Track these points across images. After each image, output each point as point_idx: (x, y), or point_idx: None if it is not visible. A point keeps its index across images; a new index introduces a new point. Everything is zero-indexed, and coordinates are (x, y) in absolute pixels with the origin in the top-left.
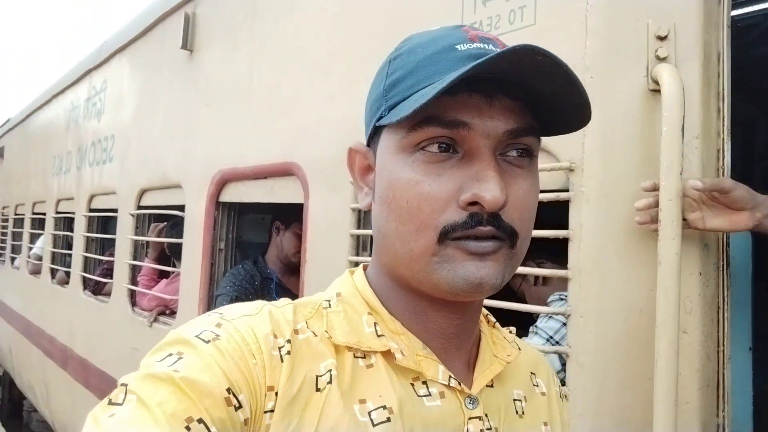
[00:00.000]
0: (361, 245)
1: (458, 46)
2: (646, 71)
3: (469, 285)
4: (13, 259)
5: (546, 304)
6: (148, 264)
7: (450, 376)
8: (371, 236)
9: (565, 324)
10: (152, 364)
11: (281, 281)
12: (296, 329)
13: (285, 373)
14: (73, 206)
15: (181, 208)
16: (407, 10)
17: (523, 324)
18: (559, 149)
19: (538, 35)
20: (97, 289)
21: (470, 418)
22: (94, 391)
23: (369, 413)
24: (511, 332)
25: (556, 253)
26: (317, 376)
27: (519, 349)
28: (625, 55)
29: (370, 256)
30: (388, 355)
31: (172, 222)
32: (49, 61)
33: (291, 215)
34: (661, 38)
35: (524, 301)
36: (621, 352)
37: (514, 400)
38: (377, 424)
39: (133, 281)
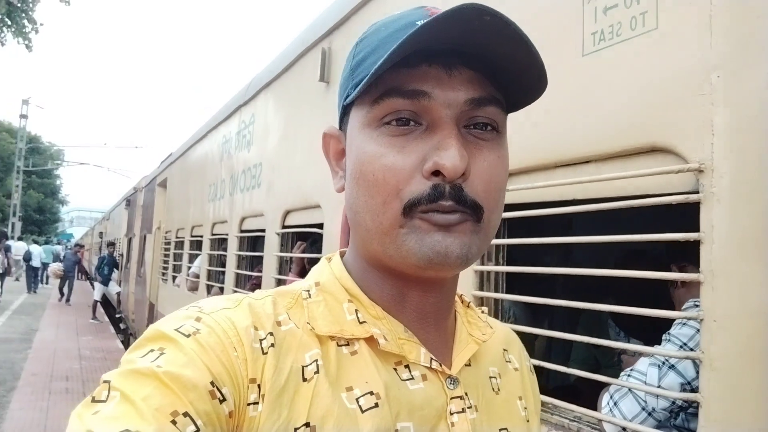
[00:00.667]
0: None
1: (418, 22)
2: None
3: (435, 254)
4: (174, 278)
5: (682, 311)
6: (291, 278)
7: (431, 358)
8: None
9: (699, 330)
10: (134, 360)
11: None
12: (278, 321)
13: (270, 365)
14: (226, 228)
15: (320, 226)
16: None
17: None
18: (687, 151)
19: (661, 39)
20: None
21: (452, 398)
22: None
23: (357, 400)
24: (483, 312)
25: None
26: (303, 367)
27: (492, 328)
28: (753, 52)
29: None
30: (370, 340)
31: (311, 240)
32: (205, 97)
33: None
34: None
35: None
36: (757, 358)
37: (490, 377)
38: (366, 410)
39: None
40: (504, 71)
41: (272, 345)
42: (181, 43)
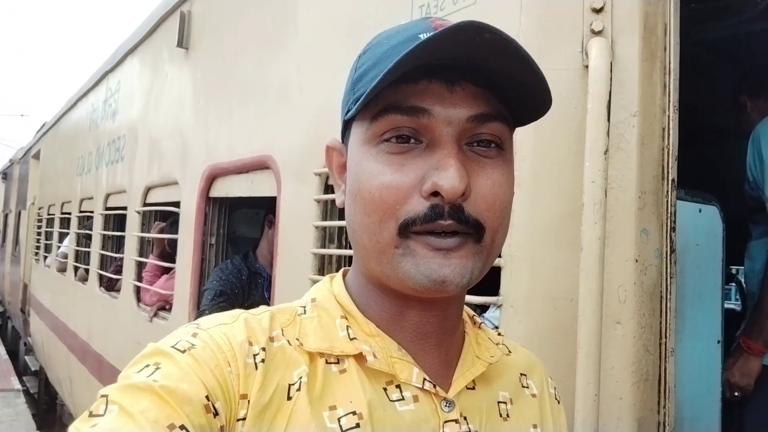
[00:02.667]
0: (327, 237)
1: (421, 35)
2: (581, 46)
3: (431, 282)
4: (45, 258)
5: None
6: (151, 260)
7: (424, 379)
8: (338, 228)
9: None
10: (131, 376)
11: (272, 276)
12: (271, 336)
13: (258, 381)
14: (93, 205)
15: (178, 204)
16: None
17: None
18: None
19: (479, 14)
20: (110, 286)
21: (446, 422)
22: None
23: (338, 419)
24: (500, 335)
25: None
26: (290, 385)
27: (509, 351)
28: (560, 30)
29: (336, 248)
30: (361, 358)
31: (172, 220)
32: (95, 60)
33: None
34: (597, 11)
35: None
36: (550, 343)
37: (499, 402)
38: (346, 430)
39: (139, 278)
40: (508, 87)
41: (263, 360)
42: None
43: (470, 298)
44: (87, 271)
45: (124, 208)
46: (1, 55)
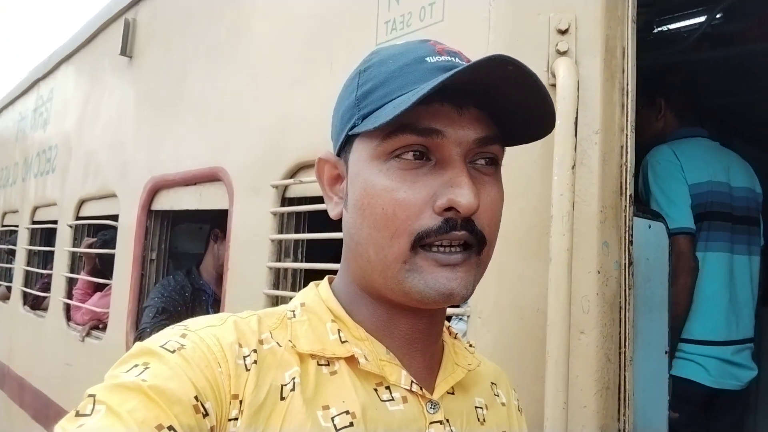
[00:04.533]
0: (283, 251)
1: (428, 59)
2: (546, 65)
3: (440, 295)
4: None
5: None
6: (82, 276)
7: (412, 381)
8: (294, 242)
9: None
10: (119, 375)
11: (217, 293)
12: (261, 339)
13: (251, 382)
14: (17, 219)
15: (116, 218)
16: (328, 10)
17: None
18: None
19: (446, 31)
20: (36, 304)
21: (431, 422)
22: (27, 411)
23: (332, 419)
24: (471, 345)
25: None
26: (282, 385)
27: (479, 361)
28: (527, 50)
29: (292, 261)
30: (351, 361)
31: (108, 236)
32: (30, 59)
33: None
34: (562, 32)
35: None
36: (517, 353)
37: (476, 407)
38: (340, 429)
39: (70, 295)
40: (511, 112)
41: (255, 362)
42: None
43: None
44: (9, 288)
45: (55, 222)
46: None
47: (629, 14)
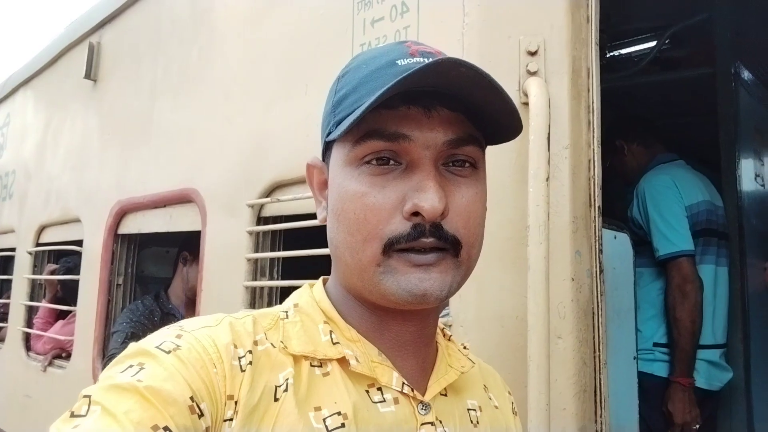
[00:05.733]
0: (259, 270)
1: (398, 61)
2: (518, 85)
3: (412, 296)
4: None
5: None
6: (44, 304)
7: (403, 383)
8: (270, 260)
9: None
10: (114, 376)
11: (187, 317)
12: (256, 340)
13: (246, 383)
14: None
15: (80, 243)
16: (302, 32)
17: None
18: None
19: None
20: None
21: (423, 424)
22: None
23: (324, 420)
24: (465, 348)
25: None
26: (276, 386)
27: (473, 363)
28: (499, 70)
29: (268, 280)
30: (343, 362)
31: (71, 263)
32: None
33: (198, 247)
34: (532, 53)
35: None
36: (498, 359)
37: (469, 409)
38: (332, 430)
39: (29, 324)
40: (482, 113)
41: (250, 363)
42: None
43: None
44: None
45: (12, 249)
46: None
47: (593, 37)
